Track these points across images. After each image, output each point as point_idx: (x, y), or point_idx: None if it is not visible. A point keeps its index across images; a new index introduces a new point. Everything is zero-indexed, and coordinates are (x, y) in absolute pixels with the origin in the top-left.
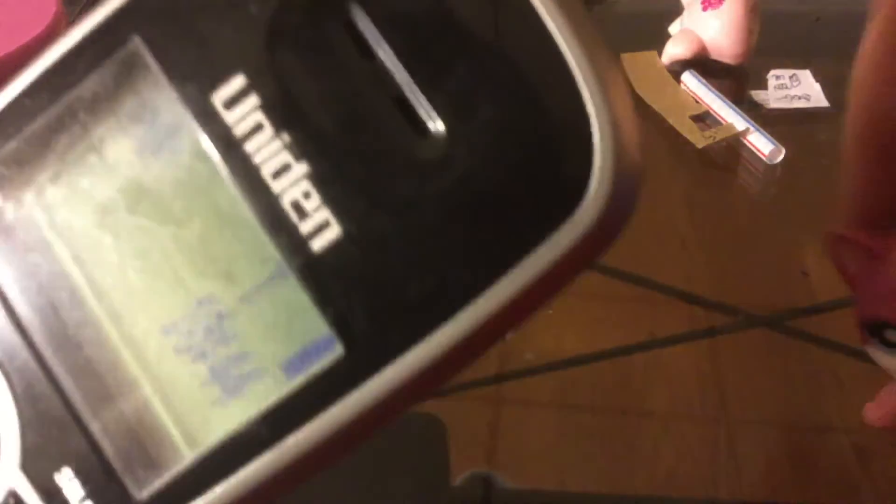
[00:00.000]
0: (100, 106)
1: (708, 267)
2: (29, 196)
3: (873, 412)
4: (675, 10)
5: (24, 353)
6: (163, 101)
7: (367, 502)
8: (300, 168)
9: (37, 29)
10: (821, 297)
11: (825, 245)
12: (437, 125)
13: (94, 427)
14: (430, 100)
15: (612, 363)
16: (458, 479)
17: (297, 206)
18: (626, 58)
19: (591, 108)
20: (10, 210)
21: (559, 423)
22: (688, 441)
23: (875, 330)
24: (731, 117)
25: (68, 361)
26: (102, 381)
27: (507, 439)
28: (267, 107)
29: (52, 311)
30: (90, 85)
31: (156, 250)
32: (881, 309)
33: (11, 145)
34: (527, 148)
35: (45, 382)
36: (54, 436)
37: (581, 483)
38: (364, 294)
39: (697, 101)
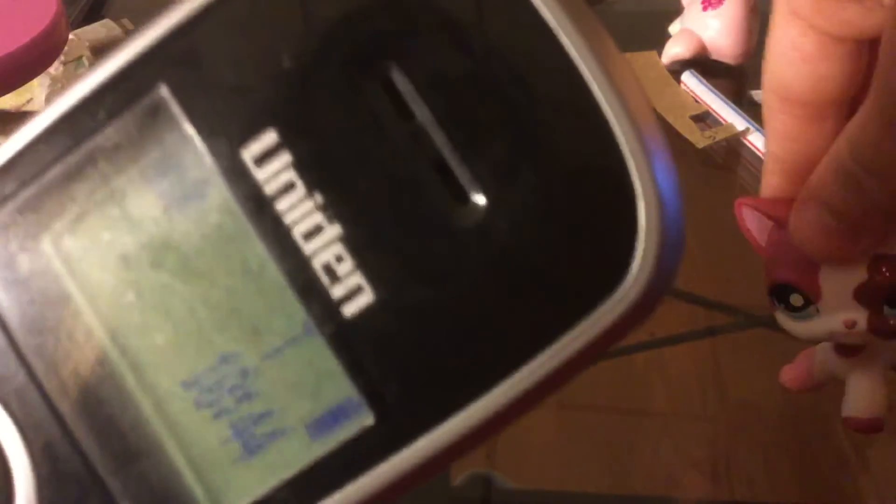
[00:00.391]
0: (122, 156)
1: (708, 267)
2: (47, 246)
3: (786, 374)
4: (675, 10)
5: (41, 409)
6: (189, 154)
7: None
8: (333, 230)
9: (37, 29)
10: None
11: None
12: (476, 191)
13: (114, 484)
14: (470, 165)
15: (612, 363)
16: (458, 479)
17: (329, 270)
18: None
19: (637, 184)
20: (26, 260)
21: (559, 423)
22: (688, 441)
23: (782, 295)
24: (731, 117)
25: (86, 417)
26: (122, 436)
27: (507, 439)
28: (299, 165)
29: (69, 365)
30: (112, 133)
31: (179, 305)
32: (785, 273)
33: (28, 192)
34: (570, 220)
35: (62, 439)
36: (72, 494)
37: (581, 483)
38: (396, 363)
39: (697, 101)
